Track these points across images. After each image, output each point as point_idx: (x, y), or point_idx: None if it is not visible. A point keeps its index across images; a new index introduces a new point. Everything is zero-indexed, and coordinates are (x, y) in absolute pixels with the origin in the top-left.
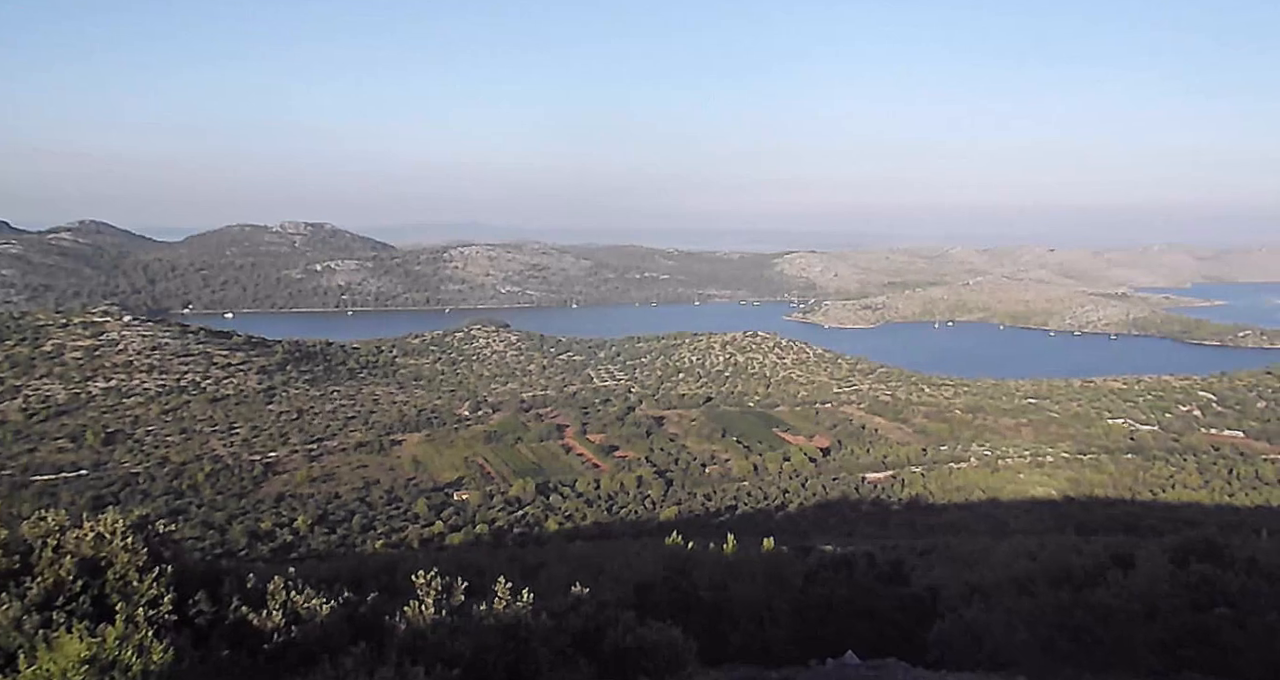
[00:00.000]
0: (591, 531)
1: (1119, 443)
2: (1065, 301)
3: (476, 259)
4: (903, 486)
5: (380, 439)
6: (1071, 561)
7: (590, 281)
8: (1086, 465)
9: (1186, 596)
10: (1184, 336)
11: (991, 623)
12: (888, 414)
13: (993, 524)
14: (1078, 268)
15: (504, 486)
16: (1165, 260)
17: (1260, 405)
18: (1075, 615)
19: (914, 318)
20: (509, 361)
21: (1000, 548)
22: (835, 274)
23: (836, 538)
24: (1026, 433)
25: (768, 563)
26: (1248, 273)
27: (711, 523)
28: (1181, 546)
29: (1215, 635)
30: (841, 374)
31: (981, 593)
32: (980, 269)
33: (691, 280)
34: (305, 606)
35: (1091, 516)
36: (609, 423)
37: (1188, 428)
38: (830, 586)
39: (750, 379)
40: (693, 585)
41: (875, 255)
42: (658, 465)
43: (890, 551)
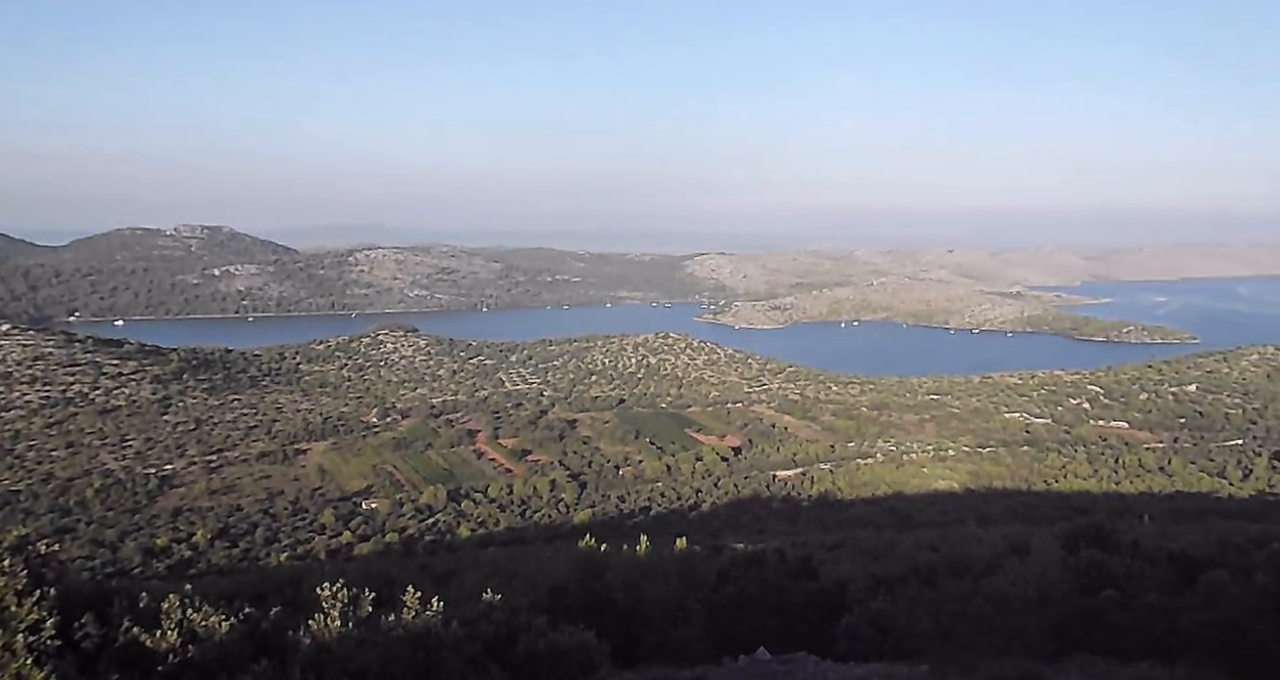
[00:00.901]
0: (505, 537)
1: (1015, 436)
2: (964, 300)
3: (383, 262)
4: (812, 483)
5: (284, 448)
6: (971, 552)
7: (501, 284)
8: (985, 458)
9: (1077, 581)
10: (1074, 333)
11: (896, 614)
12: (797, 412)
13: (898, 517)
14: (976, 268)
15: (414, 494)
16: (1056, 260)
17: (1143, 397)
18: (975, 603)
19: (821, 318)
20: (418, 366)
21: (905, 540)
22: (745, 275)
23: (748, 535)
24: (929, 428)
25: (681, 562)
26: (1130, 272)
27: (626, 524)
28: (1072, 534)
29: (1103, 617)
30: (752, 374)
31: (887, 585)
32: (884, 269)
33: (603, 282)
34: (203, 624)
35: (991, 507)
36: (521, 427)
37: (1078, 420)
38: (742, 584)
39: (663, 380)
40: (606, 587)
41: (783, 257)
42: (571, 468)
43: (800, 547)
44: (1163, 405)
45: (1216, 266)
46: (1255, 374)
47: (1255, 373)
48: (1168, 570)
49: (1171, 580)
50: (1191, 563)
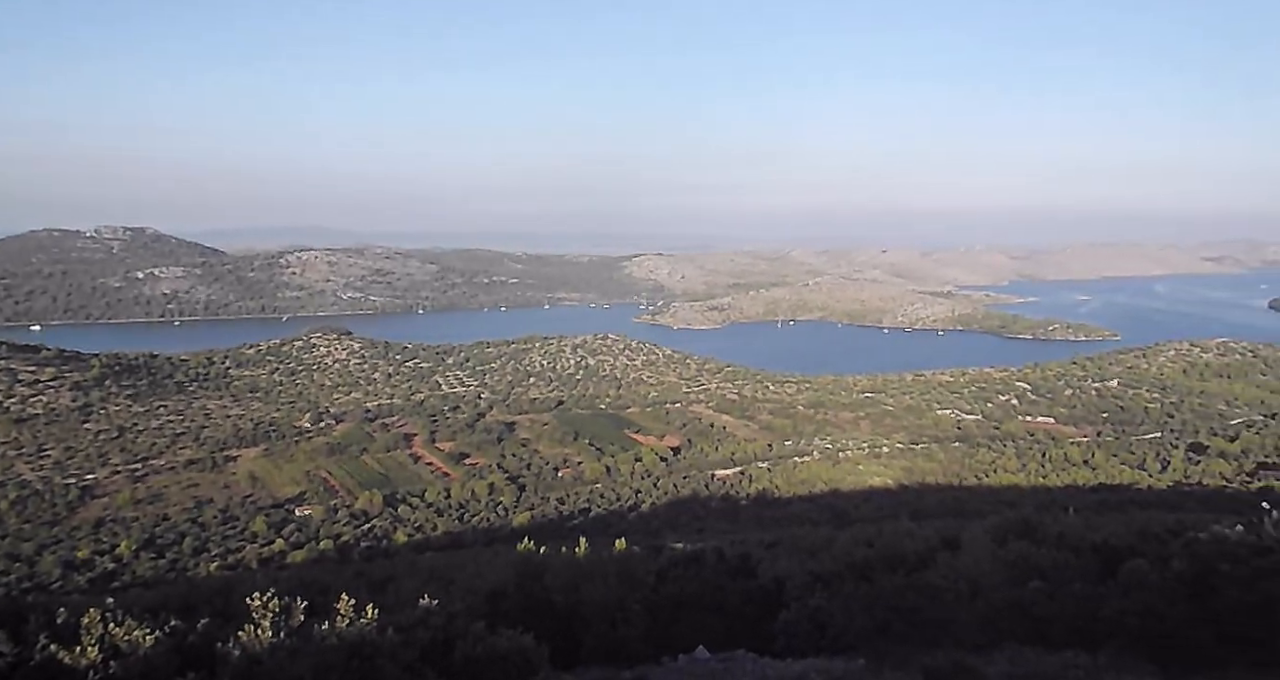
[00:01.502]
0: (443, 542)
1: (947, 432)
2: (897, 300)
3: (315, 264)
4: (750, 482)
5: (213, 455)
6: (905, 546)
7: (437, 286)
8: (919, 454)
9: (1006, 573)
10: (1002, 331)
11: (833, 609)
12: (735, 412)
13: (835, 514)
14: (908, 268)
15: (349, 500)
16: (985, 260)
17: (1068, 393)
18: (908, 597)
19: (758, 317)
20: (352, 370)
21: (842, 537)
22: (682, 276)
23: (688, 535)
24: (864, 425)
25: (620, 563)
26: (1055, 271)
27: (565, 526)
28: (1001, 527)
29: (1030, 607)
30: (690, 374)
31: (824, 581)
32: (819, 270)
33: (541, 284)
34: (126, 639)
35: (924, 502)
36: (459, 430)
37: (1007, 416)
38: (681, 584)
39: (601, 381)
40: (545, 590)
41: (720, 257)
42: (510, 471)
43: (739, 545)
44: (1086, 400)
45: (1134, 266)
46: (1172, 369)
47: (1172, 368)
48: (1091, 560)
49: (1095, 570)
50: (1113, 553)
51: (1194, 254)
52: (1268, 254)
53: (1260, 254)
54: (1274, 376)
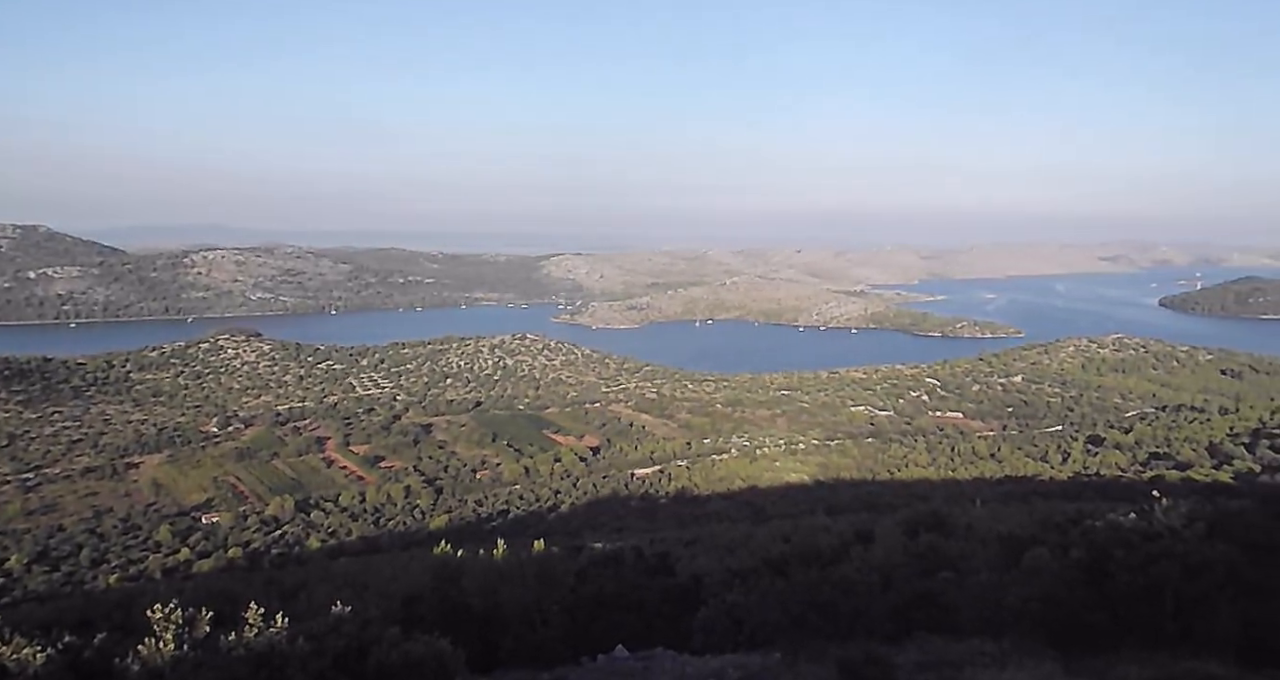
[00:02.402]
0: (357, 547)
1: (861, 428)
2: (812, 299)
3: (222, 264)
4: (669, 480)
5: (113, 463)
6: (820, 541)
7: (350, 286)
8: (834, 450)
9: (917, 564)
10: (913, 329)
11: (750, 605)
12: (654, 411)
13: (753, 511)
14: (822, 267)
15: (259, 506)
16: (896, 260)
17: (975, 388)
18: (823, 591)
19: (676, 317)
20: (262, 372)
21: (759, 533)
22: (601, 275)
23: (607, 534)
24: (781, 423)
25: (539, 565)
26: (963, 271)
27: (483, 529)
28: (912, 519)
29: (940, 597)
30: (609, 374)
31: (741, 577)
32: (736, 269)
33: (458, 283)
34: (14, 658)
35: (839, 497)
36: (374, 433)
37: (917, 411)
38: (600, 583)
39: (520, 382)
40: (462, 593)
41: (638, 257)
42: (426, 474)
43: (658, 544)
44: (993, 396)
45: (1036, 265)
46: (1072, 364)
47: (1072, 363)
48: (997, 550)
49: (1000, 559)
50: (1017, 542)
51: (1091, 254)
52: (1157, 254)
53: (1150, 254)
54: (1164, 370)
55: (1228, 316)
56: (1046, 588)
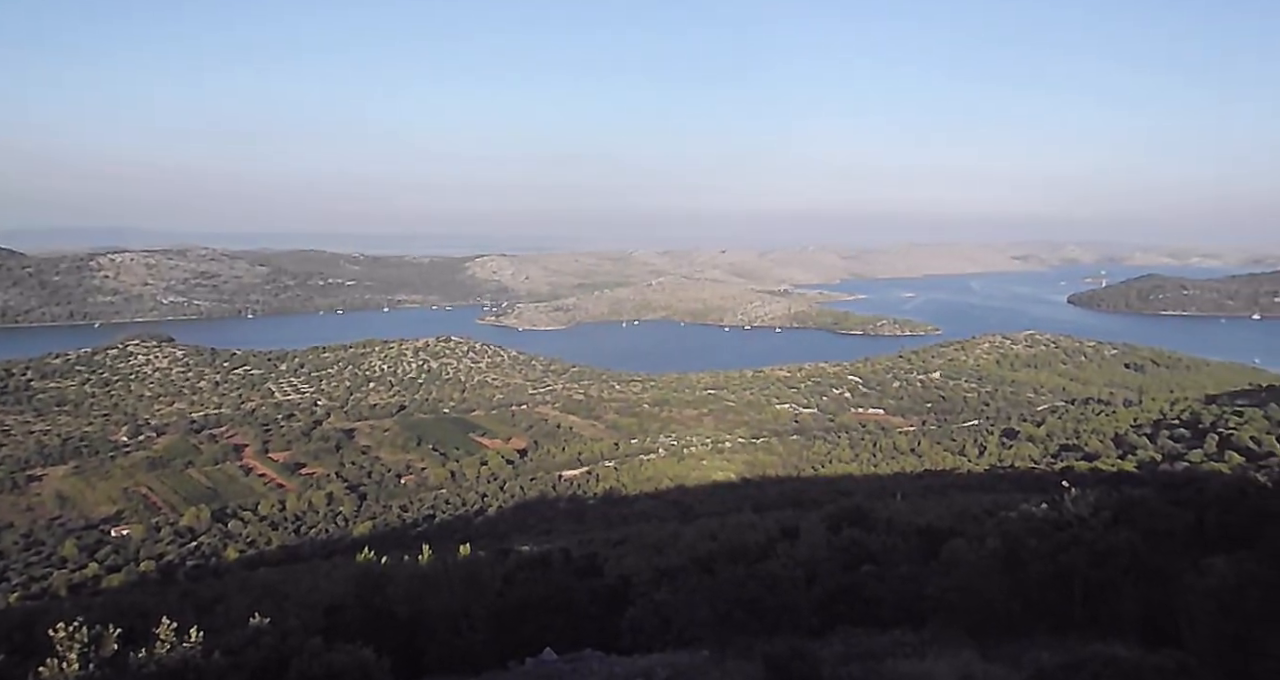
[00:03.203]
0: (278, 556)
1: (786, 425)
2: (737, 299)
3: (132, 267)
4: (597, 481)
5: (13, 475)
6: (747, 538)
7: (268, 289)
8: (760, 448)
9: (840, 559)
10: (835, 327)
11: (678, 603)
12: (581, 412)
13: (680, 509)
14: (747, 267)
15: (173, 517)
16: (818, 260)
17: (896, 385)
18: (749, 587)
19: (603, 318)
20: (175, 379)
21: (687, 531)
22: (526, 277)
23: (535, 537)
24: (708, 422)
25: (465, 569)
26: (883, 270)
27: (409, 534)
28: (836, 515)
29: (863, 590)
30: (536, 375)
31: (669, 576)
32: (662, 270)
33: (380, 286)
34: None
35: (765, 494)
36: (294, 439)
37: (840, 408)
38: (528, 586)
39: (445, 385)
40: (387, 601)
41: (564, 258)
42: (349, 480)
43: (586, 545)
44: (912, 392)
45: (953, 264)
46: (987, 361)
47: (987, 360)
48: (917, 543)
49: (920, 551)
50: (936, 534)
51: (1004, 253)
52: (1065, 253)
53: (1059, 253)
54: (1073, 365)
55: (1131, 313)
56: (964, 578)
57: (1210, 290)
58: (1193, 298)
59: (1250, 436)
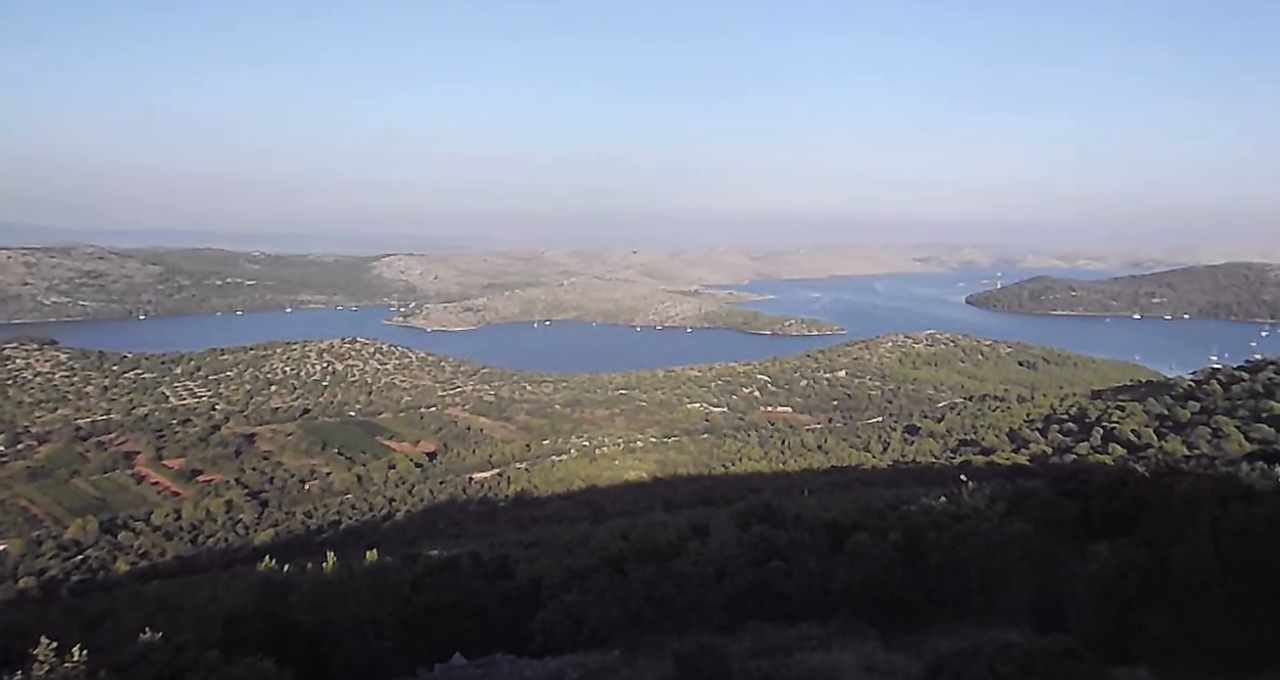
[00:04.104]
0: (173, 568)
1: (697, 424)
2: (649, 299)
3: (10, 265)
4: (509, 483)
5: None
6: (658, 537)
7: (161, 289)
8: (671, 447)
9: (749, 555)
10: (745, 327)
11: (589, 604)
12: (492, 413)
13: (592, 510)
14: (658, 268)
15: (57, 529)
16: (727, 260)
17: (803, 383)
18: (660, 586)
19: (514, 318)
20: (58, 384)
21: (598, 532)
22: (435, 277)
23: (445, 541)
24: (620, 422)
25: (371, 576)
26: (791, 271)
27: (313, 542)
28: (745, 512)
29: (771, 585)
30: (445, 377)
31: (580, 577)
32: (573, 270)
33: (282, 286)
34: None
35: (676, 493)
36: (190, 445)
37: (750, 407)
38: (437, 591)
39: (351, 387)
40: (290, 611)
41: (474, 258)
42: (250, 486)
43: (497, 548)
44: (819, 390)
45: (858, 266)
46: (890, 359)
47: (890, 358)
48: (823, 537)
49: (826, 546)
50: (841, 529)
51: (906, 255)
52: (964, 255)
53: (958, 255)
54: (971, 363)
55: (1024, 313)
56: (868, 570)
57: (1095, 291)
58: (1080, 298)
59: (1131, 429)
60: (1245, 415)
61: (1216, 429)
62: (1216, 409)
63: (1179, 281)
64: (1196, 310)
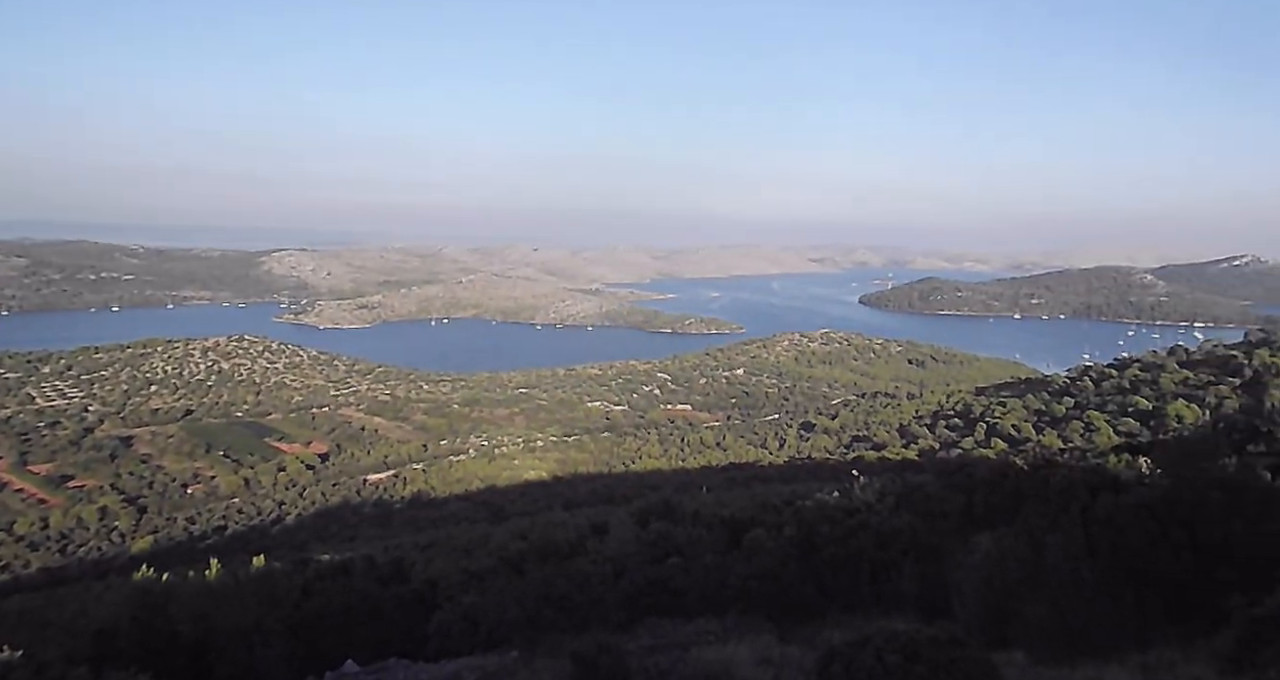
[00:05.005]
0: (39, 580)
1: (597, 423)
2: (549, 297)
3: None
4: (405, 484)
5: None
6: (557, 536)
7: (27, 283)
8: (571, 446)
9: (648, 553)
10: (645, 326)
11: (486, 605)
12: (387, 413)
13: (492, 510)
14: (558, 266)
15: None
16: (629, 259)
17: (702, 381)
18: (559, 585)
19: (411, 316)
20: None
21: (497, 532)
22: (329, 273)
23: (338, 545)
24: (519, 421)
25: (259, 582)
26: (691, 270)
27: (196, 548)
28: (644, 510)
29: (669, 582)
30: (339, 376)
31: (478, 578)
32: (472, 267)
33: (163, 281)
34: None
35: (576, 492)
36: (59, 449)
37: (650, 405)
38: (328, 596)
39: (238, 387)
40: (169, 622)
41: (369, 254)
42: (127, 492)
43: (392, 551)
44: (718, 388)
45: (756, 265)
46: (786, 357)
47: (786, 356)
48: (721, 533)
49: (724, 542)
50: (738, 525)
51: (803, 255)
52: (857, 256)
53: (851, 256)
54: (863, 362)
55: (914, 312)
56: (764, 565)
57: (980, 292)
58: (965, 299)
59: (1012, 424)
60: (1114, 410)
61: (1088, 423)
62: (1089, 404)
63: (1055, 283)
64: (1071, 311)
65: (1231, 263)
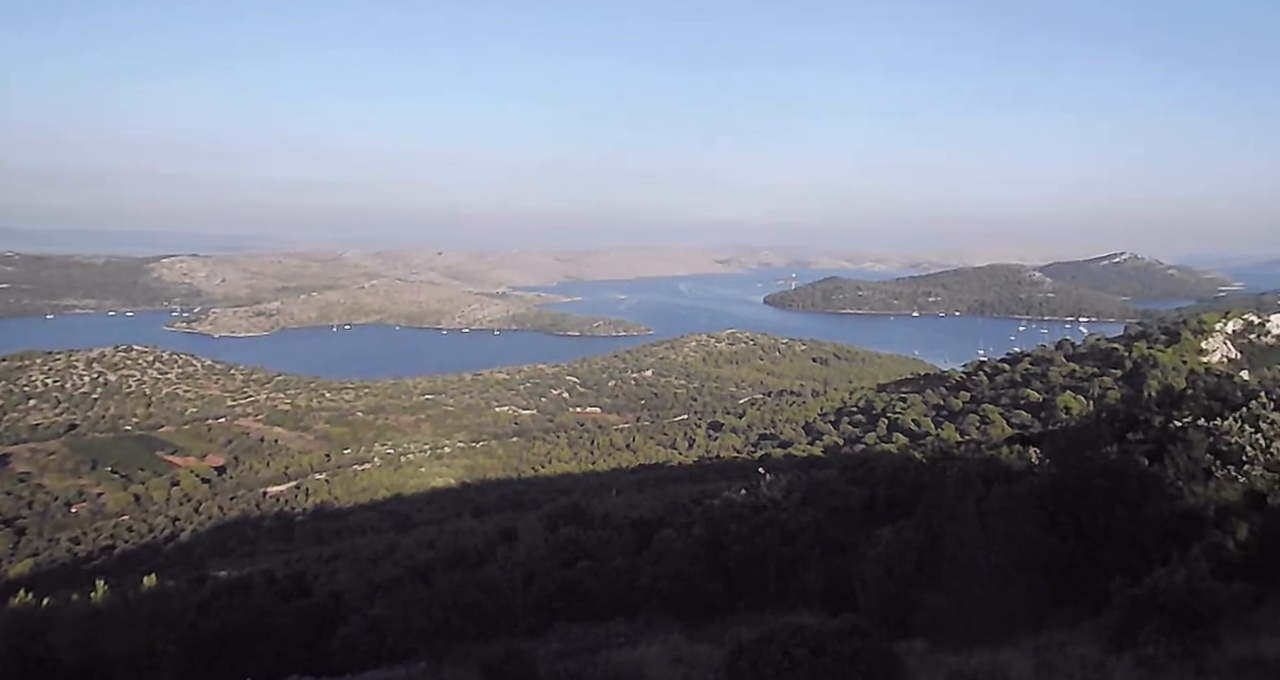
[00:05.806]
0: None
1: (506, 428)
2: (455, 301)
3: None
4: (307, 496)
5: None
6: (466, 544)
7: None
8: (480, 452)
9: (558, 557)
10: (553, 329)
11: (393, 617)
12: (288, 423)
13: (399, 519)
14: (464, 269)
15: None
16: (534, 262)
17: (611, 383)
18: (467, 593)
19: (311, 322)
20: None
21: (405, 541)
22: (223, 279)
23: (236, 560)
24: (426, 427)
25: (150, 603)
26: (597, 272)
27: (81, 570)
28: (554, 514)
29: (579, 586)
30: (235, 386)
31: (384, 589)
32: (375, 272)
33: (41, 289)
34: None
35: (486, 498)
36: None
37: (559, 408)
38: (225, 614)
39: (126, 399)
40: (49, 649)
41: (266, 260)
42: (3, 513)
43: (294, 565)
44: (627, 390)
45: (663, 267)
46: (694, 358)
47: (694, 357)
48: (630, 535)
49: (634, 544)
50: (648, 526)
51: (709, 257)
52: (762, 257)
53: (756, 257)
54: (769, 361)
55: (817, 311)
56: (673, 566)
57: (880, 291)
58: (866, 298)
59: (912, 419)
60: (1007, 403)
61: (984, 416)
62: (984, 398)
63: (951, 282)
64: (966, 308)
65: (1112, 260)
